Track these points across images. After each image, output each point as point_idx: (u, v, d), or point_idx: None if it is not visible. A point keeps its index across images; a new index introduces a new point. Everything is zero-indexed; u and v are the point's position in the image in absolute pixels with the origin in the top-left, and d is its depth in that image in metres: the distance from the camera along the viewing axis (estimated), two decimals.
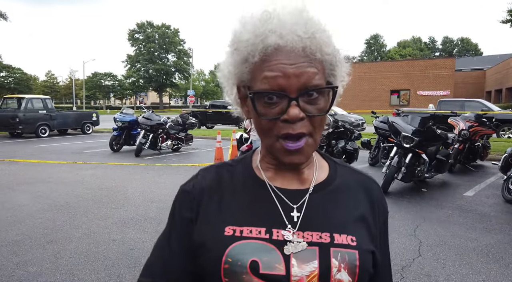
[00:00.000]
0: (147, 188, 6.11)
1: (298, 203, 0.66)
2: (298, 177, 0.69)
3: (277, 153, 0.63)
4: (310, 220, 0.65)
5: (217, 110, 19.70)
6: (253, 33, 0.59)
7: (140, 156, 9.68)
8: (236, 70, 0.64)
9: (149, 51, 54.50)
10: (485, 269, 3.18)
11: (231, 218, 0.66)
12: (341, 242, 0.64)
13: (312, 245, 0.62)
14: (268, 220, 0.65)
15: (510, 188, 5.38)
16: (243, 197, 0.68)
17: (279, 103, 0.60)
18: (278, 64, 0.58)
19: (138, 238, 3.87)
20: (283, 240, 0.62)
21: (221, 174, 0.72)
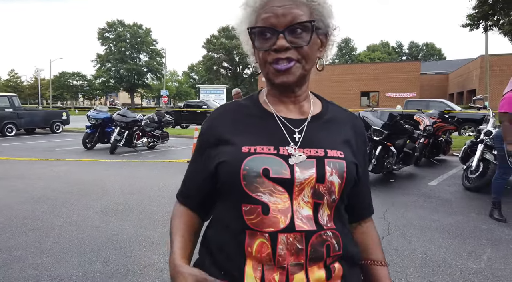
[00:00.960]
0: (126, 182, 6.13)
1: (299, 128, 0.85)
2: (299, 109, 0.88)
3: (271, 76, 0.81)
4: (309, 140, 0.83)
5: (192, 110, 19.67)
6: None
7: (115, 153, 9.59)
8: (247, 20, 0.83)
9: (120, 51, 53.35)
10: (446, 243, 3.51)
11: (247, 139, 0.82)
12: (333, 155, 0.82)
13: (310, 158, 0.80)
14: (276, 140, 0.82)
15: (469, 177, 5.84)
16: (256, 124, 0.86)
17: (271, 38, 0.78)
18: (271, 7, 0.78)
19: (121, 225, 3.94)
20: (288, 154, 0.80)
21: (236, 108, 0.91)
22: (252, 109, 0.89)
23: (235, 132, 0.85)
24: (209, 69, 63.08)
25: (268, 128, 0.84)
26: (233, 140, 0.83)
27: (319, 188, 0.79)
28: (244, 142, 0.82)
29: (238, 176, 0.78)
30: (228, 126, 0.86)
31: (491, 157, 5.50)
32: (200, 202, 0.91)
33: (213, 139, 0.86)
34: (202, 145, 0.90)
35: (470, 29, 10.53)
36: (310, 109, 0.89)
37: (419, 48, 78.32)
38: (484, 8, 9.71)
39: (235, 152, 0.81)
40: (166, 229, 3.84)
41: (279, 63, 0.78)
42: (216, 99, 28.87)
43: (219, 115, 0.90)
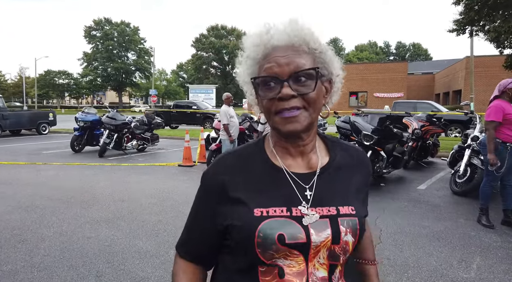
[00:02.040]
0: (116, 188, 6.06)
1: (309, 184, 0.83)
2: (307, 162, 0.86)
3: (277, 126, 0.79)
4: (320, 197, 0.82)
5: (182, 111, 19.54)
6: (258, 40, 0.82)
7: (104, 156, 9.47)
8: (249, 71, 0.84)
9: (107, 49, 52.66)
10: (436, 252, 3.58)
11: (258, 200, 0.80)
12: (345, 212, 0.82)
13: (324, 218, 0.79)
14: (287, 200, 0.80)
15: (457, 181, 5.96)
16: (266, 181, 0.83)
17: (275, 87, 0.78)
18: (274, 57, 0.78)
19: (113, 234, 3.90)
20: (301, 215, 0.79)
21: (241, 160, 0.86)
22: (260, 162, 0.86)
23: (245, 189, 0.82)
24: (198, 68, 62.79)
25: (278, 187, 0.82)
26: (244, 199, 0.80)
27: (335, 249, 0.79)
28: (255, 203, 0.80)
29: (252, 243, 0.76)
30: (237, 181, 0.83)
31: (478, 162, 5.61)
32: (205, 255, 0.89)
33: (220, 194, 0.83)
34: (207, 199, 0.87)
35: (456, 34, 10.73)
36: (318, 161, 0.87)
37: (406, 48, 79.42)
38: (470, 14, 9.90)
39: (247, 216, 0.79)
40: (159, 239, 3.84)
41: (284, 112, 0.78)
42: (206, 99, 28.74)
43: (225, 168, 0.86)
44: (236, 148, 0.91)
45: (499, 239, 3.92)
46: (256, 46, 0.81)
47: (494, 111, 4.16)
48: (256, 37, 0.82)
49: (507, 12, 9.33)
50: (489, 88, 28.51)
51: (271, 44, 0.80)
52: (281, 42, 0.79)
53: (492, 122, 4.15)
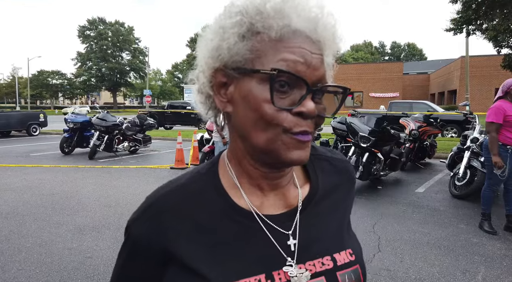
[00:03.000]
0: (104, 192, 5.82)
1: (291, 228, 0.58)
2: (282, 197, 0.60)
3: (283, 147, 0.52)
4: (308, 244, 0.59)
5: (176, 111, 19.30)
6: (274, 5, 0.51)
7: (94, 159, 9.21)
8: (233, 46, 0.52)
9: (101, 49, 52.20)
10: (438, 261, 3.39)
11: (224, 270, 0.54)
12: (343, 261, 0.60)
13: (317, 276, 0.57)
14: (265, 261, 0.55)
15: (456, 184, 5.79)
16: (231, 239, 0.56)
17: (292, 93, 0.51)
18: (301, 48, 0.51)
19: (96, 245, 3.67)
20: (287, 279, 0.55)
21: (188, 202, 0.57)
22: (218, 204, 0.57)
23: (199, 253, 0.55)
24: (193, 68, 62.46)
25: (250, 243, 0.56)
26: (200, 270, 0.53)
27: None
28: (219, 274, 0.53)
29: None
30: (185, 239, 0.55)
31: (478, 164, 5.45)
32: None
33: (162, 256, 0.56)
34: (140, 265, 0.58)
35: (454, 34, 10.58)
36: (298, 193, 0.61)
37: (401, 48, 79.62)
38: (468, 13, 9.76)
39: None
40: None
41: (299, 133, 0.52)
42: None
43: (166, 216, 0.56)
44: (179, 180, 0.61)
45: (503, 247, 3.74)
46: (269, 16, 0.50)
47: (494, 113, 3.99)
48: (274, 1, 0.51)
49: (506, 11, 9.21)
50: (484, 88, 28.58)
51: (294, 24, 0.51)
52: (305, 28, 0.51)
53: (492, 123, 3.98)
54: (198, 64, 0.58)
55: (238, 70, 0.52)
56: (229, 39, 0.52)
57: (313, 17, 0.52)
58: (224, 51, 0.53)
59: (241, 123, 0.54)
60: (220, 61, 0.54)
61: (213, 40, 0.54)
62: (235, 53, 0.52)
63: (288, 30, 0.51)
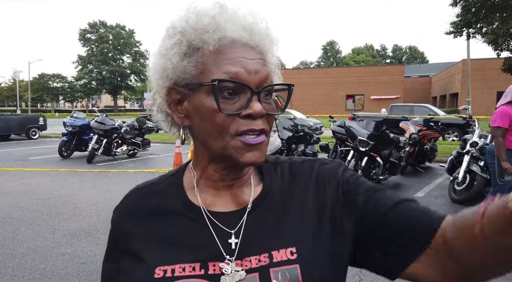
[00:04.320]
0: (101, 197, 5.79)
1: (235, 227, 0.60)
2: (235, 196, 0.63)
3: (234, 152, 0.55)
4: (249, 244, 0.59)
5: None
6: (207, 21, 0.55)
7: (92, 162, 9.19)
8: (177, 65, 0.56)
9: (102, 52, 52.28)
10: None
11: (162, 255, 0.58)
12: (280, 259, 0.57)
13: (252, 272, 0.56)
14: (203, 252, 0.58)
15: (455, 189, 5.74)
16: (174, 228, 0.60)
17: (239, 98, 0.55)
18: (240, 58, 0.54)
19: (90, 250, 3.63)
20: (220, 273, 0.56)
21: (154, 197, 0.64)
22: (173, 199, 0.63)
23: (146, 239, 0.60)
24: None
25: (193, 234, 0.59)
26: (142, 255, 0.59)
27: None
28: (158, 260, 0.58)
29: None
30: (137, 228, 0.62)
31: (477, 169, 5.40)
32: None
33: (121, 242, 0.63)
34: (110, 246, 0.67)
35: (454, 37, 10.56)
36: (251, 192, 0.63)
37: (402, 51, 79.71)
38: (467, 16, 9.73)
39: (145, 278, 0.57)
40: None
41: (250, 136, 0.55)
42: None
43: (128, 209, 0.65)
44: (153, 179, 0.69)
45: None
46: (204, 31, 0.55)
47: (500, 117, 3.93)
48: (208, 17, 0.55)
49: (505, 14, 9.18)
50: (485, 92, 28.54)
51: (229, 34, 0.55)
52: (241, 37, 0.56)
53: (498, 128, 3.92)
54: (152, 85, 0.62)
55: (187, 87, 0.57)
56: (172, 59, 0.56)
57: (247, 24, 0.56)
58: (170, 70, 0.57)
59: (199, 133, 0.59)
60: (169, 80, 0.58)
61: (159, 62, 0.59)
62: (181, 71, 0.57)
63: (225, 41, 0.55)
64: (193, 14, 0.57)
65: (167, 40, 0.58)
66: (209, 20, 0.55)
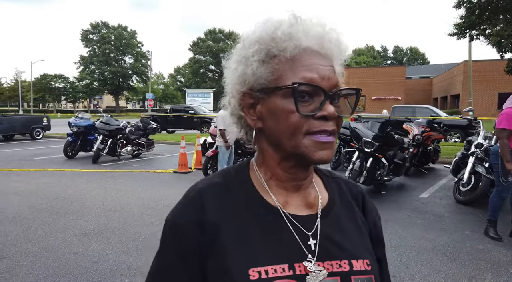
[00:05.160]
0: (108, 197, 5.84)
1: (312, 230, 0.64)
2: (305, 199, 0.68)
3: (306, 150, 0.60)
4: (326, 246, 0.64)
5: (179, 115, 19.34)
6: (284, 32, 0.61)
7: (98, 163, 9.25)
8: (256, 71, 0.62)
9: (104, 53, 52.37)
10: (444, 267, 3.38)
11: (252, 257, 0.60)
12: (359, 268, 0.64)
13: (333, 275, 0.62)
14: (288, 253, 0.62)
15: (460, 190, 5.77)
16: (258, 228, 0.63)
17: (312, 101, 0.60)
18: (314, 65, 0.60)
19: (101, 249, 3.68)
20: (305, 272, 0.61)
21: (222, 198, 0.65)
22: (247, 200, 0.65)
23: (231, 243, 0.61)
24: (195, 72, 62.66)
25: (276, 235, 0.63)
26: (234, 255, 0.60)
27: None
28: (250, 261, 0.60)
29: None
30: (218, 231, 0.62)
31: (482, 170, 5.43)
32: None
33: (198, 247, 0.62)
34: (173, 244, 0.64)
35: (457, 38, 10.60)
36: (318, 198, 0.69)
37: (403, 52, 79.62)
38: (471, 18, 9.77)
39: (239, 279, 0.59)
40: (151, 255, 3.60)
41: (321, 135, 0.60)
42: (203, 103, 28.56)
43: (202, 210, 0.63)
44: (212, 178, 0.69)
45: (509, 253, 3.73)
46: (281, 40, 0.60)
47: (506, 119, 3.97)
48: (284, 27, 0.61)
49: (509, 16, 9.22)
50: (486, 93, 28.52)
51: (303, 43, 0.61)
52: (313, 45, 0.61)
53: (504, 130, 3.96)
54: (227, 91, 0.67)
55: (263, 91, 0.62)
56: (252, 66, 0.62)
57: (318, 34, 0.62)
58: (249, 76, 0.62)
59: (272, 134, 0.63)
60: (246, 86, 0.63)
61: (238, 69, 0.64)
62: (259, 76, 0.62)
63: (299, 49, 0.60)
64: (271, 25, 0.62)
65: (246, 49, 0.63)
66: (286, 31, 0.61)
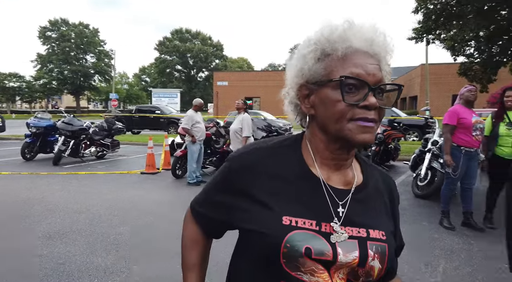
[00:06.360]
0: (72, 199, 5.65)
1: (343, 201, 0.78)
2: (344, 177, 0.81)
3: (349, 132, 0.72)
4: (351, 216, 0.77)
5: (144, 115, 18.93)
6: (338, 34, 0.73)
7: (59, 165, 8.89)
8: (312, 66, 0.75)
9: (64, 51, 50.14)
10: (404, 255, 3.55)
11: (288, 208, 0.74)
12: (375, 236, 0.77)
13: (353, 238, 0.74)
14: (319, 213, 0.75)
15: (418, 184, 6.14)
16: (299, 189, 0.77)
17: (358, 93, 0.71)
18: (361, 62, 0.72)
19: (68, 251, 3.58)
20: (329, 231, 0.74)
21: (275, 156, 0.80)
22: (296, 167, 0.79)
23: (273, 194, 0.76)
24: (161, 72, 61.50)
25: (312, 197, 0.77)
26: (272, 205, 0.75)
27: (358, 270, 0.75)
28: (285, 210, 0.74)
29: (278, 253, 0.72)
30: (266, 182, 0.77)
31: (437, 165, 5.81)
32: (215, 230, 0.90)
33: (244, 188, 0.78)
34: (227, 187, 0.81)
35: (415, 42, 11.22)
36: (354, 179, 0.82)
37: None
38: (428, 23, 10.38)
39: (274, 223, 0.73)
40: (120, 254, 3.58)
41: (363, 120, 0.72)
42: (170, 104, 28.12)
43: (254, 164, 0.79)
44: (273, 141, 0.84)
45: (461, 241, 4.04)
46: (335, 42, 0.73)
47: (448, 116, 4.36)
48: (339, 31, 0.73)
49: (461, 22, 9.88)
50: (442, 95, 30.17)
51: (354, 44, 0.73)
52: (363, 47, 0.74)
53: (447, 125, 4.32)
54: (287, 83, 0.81)
55: (317, 84, 0.75)
56: (308, 62, 0.75)
57: (368, 37, 0.74)
58: (306, 71, 0.76)
59: (321, 119, 0.76)
60: (303, 79, 0.77)
61: (297, 65, 0.78)
62: (314, 71, 0.75)
63: (351, 50, 0.73)
64: (327, 28, 0.75)
65: (305, 48, 0.76)
66: (340, 33, 0.73)
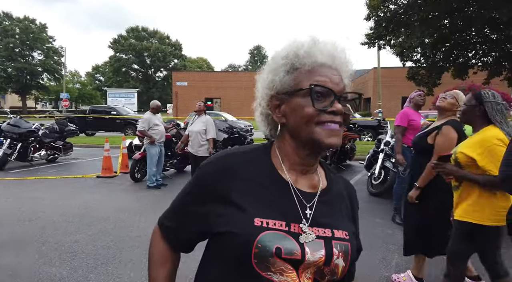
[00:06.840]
0: (21, 206, 5.31)
1: (310, 203, 0.85)
2: (310, 181, 0.88)
3: (318, 136, 0.79)
4: (318, 217, 0.84)
5: (99, 116, 18.14)
6: (305, 51, 0.82)
7: (4, 169, 8.30)
8: (282, 79, 0.83)
9: (7, 47, 46.62)
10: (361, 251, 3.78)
11: (259, 210, 0.79)
12: (339, 236, 0.84)
13: (319, 238, 0.81)
14: (288, 215, 0.81)
15: (373, 183, 6.46)
16: (269, 193, 0.83)
17: (325, 100, 0.80)
18: (327, 74, 0.81)
19: (19, 262, 3.37)
20: (298, 232, 0.80)
21: (246, 162, 0.85)
22: (266, 172, 0.85)
23: (246, 196, 0.81)
24: (117, 71, 59.21)
25: (282, 200, 0.83)
26: (244, 207, 0.80)
27: (324, 269, 0.81)
28: (256, 212, 0.79)
29: (250, 253, 0.76)
30: (238, 185, 0.82)
31: (390, 165, 6.15)
32: (186, 244, 0.92)
33: (218, 193, 0.82)
34: (202, 194, 0.85)
35: (368, 47, 11.82)
36: (320, 183, 0.89)
37: None
38: (379, 30, 10.98)
39: (246, 224, 0.78)
40: (75, 263, 3.45)
41: (330, 124, 0.79)
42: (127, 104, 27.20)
43: (227, 168, 0.84)
44: (243, 148, 0.90)
45: None
46: (303, 57, 0.82)
47: (399, 117, 4.67)
48: (305, 47, 0.82)
49: (409, 30, 10.56)
50: (393, 97, 31.87)
51: (319, 60, 0.82)
52: (327, 62, 0.82)
53: (398, 127, 4.63)
54: (258, 95, 0.88)
55: (287, 94, 0.83)
56: (279, 75, 0.84)
57: (332, 53, 0.84)
58: (277, 83, 0.84)
59: (292, 126, 0.83)
60: (274, 90, 0.85)
61: (268, 77, 0.86)
62: (284, 83, 0.83)
63: (317, 64, 0.82)
64: (295, 45, 0.84)
65: (276, 62, 0.85)
66: (306, 50, 0.82)
